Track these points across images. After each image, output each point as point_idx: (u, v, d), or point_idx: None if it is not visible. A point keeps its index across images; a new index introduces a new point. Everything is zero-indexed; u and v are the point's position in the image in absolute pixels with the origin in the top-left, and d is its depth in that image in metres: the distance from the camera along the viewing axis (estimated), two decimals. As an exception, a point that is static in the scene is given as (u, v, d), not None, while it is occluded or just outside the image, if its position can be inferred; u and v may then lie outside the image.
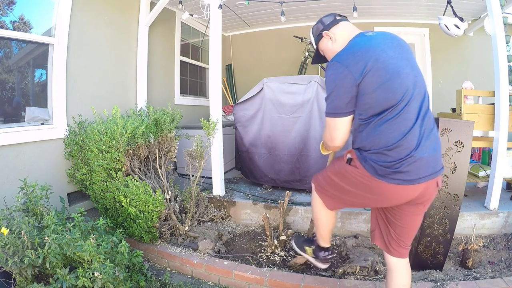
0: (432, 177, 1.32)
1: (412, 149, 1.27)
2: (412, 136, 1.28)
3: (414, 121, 1.29)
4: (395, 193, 1.33)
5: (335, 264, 2.30)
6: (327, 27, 1.51)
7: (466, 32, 4.76)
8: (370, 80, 1.26)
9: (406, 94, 1.28)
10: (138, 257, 2.10)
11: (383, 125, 1.29)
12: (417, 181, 1.29)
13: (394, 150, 1.28)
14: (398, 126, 1.28)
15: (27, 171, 2.48)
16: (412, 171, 1.27)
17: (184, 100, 4.95)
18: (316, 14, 5.06)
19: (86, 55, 3.13)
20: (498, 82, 2.54)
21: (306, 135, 3.12)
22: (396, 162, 1.27)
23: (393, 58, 1.30)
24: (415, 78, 1.32)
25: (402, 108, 1.28)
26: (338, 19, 1.51)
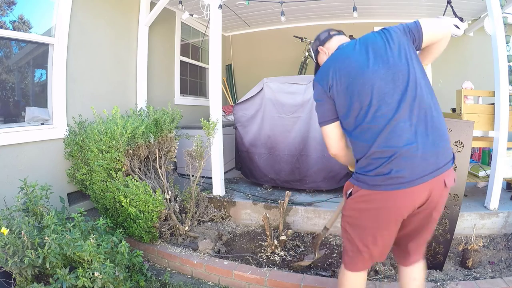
0: (434, 175, 1.19)
1: (395, 148, 1.19)
2: (391, 133, 1.20)
3: (391, 116, 1.21)
4: (398, 202, 1.23)
5: (335, 264, 2.30)
6: (322, 42, 1.59)
7: (466, 32, 4.76)
8: (335, 89, 1.35)
9: (374, 92, 1.24)
10: (138, 257, 2.10)
11: (357, 130, 1.30)
12: (415, 182, 1.18)
13: (374, 153, 1.23)
14: (370, 127, 1.24)
15: (27, 171, 2.48)
16: (406, 172, 1.18)
17: (184, 100, 4.95)
18: (316, 14, 5.06)
19: (86, 55, 3.13)
20: (498, 82, 2.54)
21: (306, 135, 3.12)
22: (381, 167, 1.20)
23: (357, 61, 1.31)
24: (387, 71, 1.25)
25: (369, 108, 1.24)
26: (331, 34, 1.58)
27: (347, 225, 1.40)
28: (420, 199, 1.23)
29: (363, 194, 1.28)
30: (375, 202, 1.26)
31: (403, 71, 1.26)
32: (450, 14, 3.58)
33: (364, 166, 1.27)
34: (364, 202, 1.29)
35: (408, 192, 1.20)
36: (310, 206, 2.84)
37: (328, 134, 1.45)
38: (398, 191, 1.20)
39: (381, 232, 1.32)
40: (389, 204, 1.24)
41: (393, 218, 1.28)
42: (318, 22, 5.46)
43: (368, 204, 1.28)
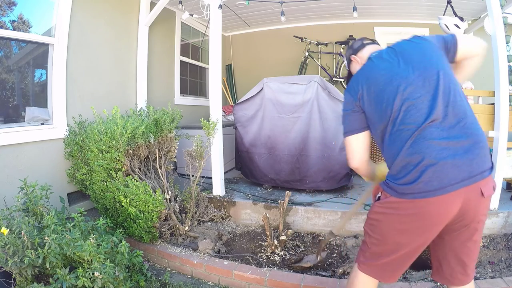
0: (467, 183, 1.11)
1: (424, 154, 1.14)
2: (421, 139, 1.16)
3: (421, 122, 1.17)
4: (426, 211, 1.15)
5: (335, 264, 2.30)
6: (355, 51, 1.59)
7: (466, 32, 4.76)
8: (365, 99, 1.35)
9: (404, 97, 1.22)
10: (138, 257, 2.10)
11: (388, 137, 1.27)
12: (444, 190, 1.10)
13: (402, 161, 1.19)
14: (400, 133, 1.21)
15: (27, 171, 2.48)
16: (434, 179, 1.11)
17: (184, 100, 4.95)
18: (316, 14, 5.06)
19: (86, 55, 3.13)
20: (498, 82, 2.54)
21: (306, 135, 3.12)
22: (409, 175, 1.15)
23: (386, 68, 1.31)
24: (418, 77, 1.23)
25: (399, 114, 1.22)
26: (365, 43, 1.58)
27: (370, 228, 1.35)
28: (451, 210, 1.14)
29: (391, 201, 1.23)
30: (403, 210, 1.20)
31: (434, 76, 1.23)
32: (450, 14, 3.59)
33: (394, 174, 1.23)
34: (391, 209, 1.24)
35: (437, 200, 1.12)
36: (310, 206, 2.84)
37: (352, 145, 1.41)
38: (427, 200, 1.13)
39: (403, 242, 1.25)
40: (418, 214, 1.17)
41: (420, 229, 1.21)
42: (318, 22, 5.46)
43: (395, 211, 1.23)
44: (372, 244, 1.34)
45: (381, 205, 1.28)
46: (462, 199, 1.12)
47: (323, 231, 2.78)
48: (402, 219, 1.21)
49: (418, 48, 1.32)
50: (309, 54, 5.42)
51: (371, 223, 1.34)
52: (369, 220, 1.36)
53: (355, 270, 1.40)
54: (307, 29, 5.52)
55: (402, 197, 1.18)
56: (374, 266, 1.34)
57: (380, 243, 1.31)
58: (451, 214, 1.15)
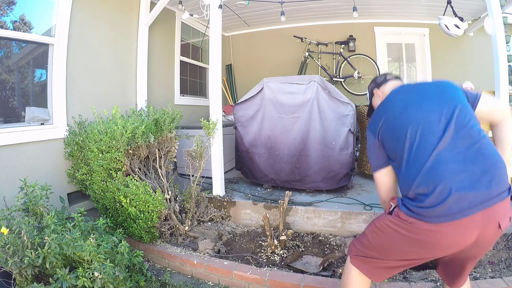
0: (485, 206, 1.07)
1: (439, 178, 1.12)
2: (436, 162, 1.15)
3: (433, 148, 1.16)
4: (442, 238, 1.12)
5: (335, 264, 2.30)
6: (378, 85, 1.64)
7: (466, 32, 4.76)
8: (383, 131, 1.37)
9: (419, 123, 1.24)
10: (138, 257, 2.10)
11: (404, 165, 1.26)
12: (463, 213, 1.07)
13: (418, 189, 1.16)
14: (416, 158, 1.20)
15: (27, 171, 2.48)
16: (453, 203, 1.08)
17: (184, 100, 4.95)
18: (316, 14, 5.06)
19: (86, 55, 3.13)
20: (498, 82, 2.54)
21: (306, 135, 3.12)
22: (425, 202, 1.13)
23: (401, 100, 1.36)
24: (433, 105, 1.26)
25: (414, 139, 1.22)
26: (387, 79, 1.62)
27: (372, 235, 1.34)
28: (467, 239, 1.11)
29: (406, 220, 1.19)
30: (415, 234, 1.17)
31: (448, 101, 1.26)
32: (450, 14, 3.59)
33: (412, 198, 1.20)
34: (403, 229, 1.20)
35: (454, 226, 1.09)
36: (310, 206, 2.84)
37: (378, 181, 1.44)
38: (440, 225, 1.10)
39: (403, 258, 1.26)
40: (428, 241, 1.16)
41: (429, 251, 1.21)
42: (318, 22, 5.46)
43: (407, 232, 1.19)
44: (369, 249, 1.35)
45: (393, 220, 1.25)
46: (479, 228, 1.09)
47: (323, 231, 2.78)
48: (410, 242, 1.19)
49: (439, 84, 1.36)
50: (309, 54, 5.42)
51: (376, 232, 1.33)
52: (375, 227, 1.34)
53: (348, 264, 1.43)
54: (307, 29, 5.52)
55: (416, 217, 1.15)
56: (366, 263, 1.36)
57: (377, 251, 1.32)
58: (465, 243, 1.13)
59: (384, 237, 1.28)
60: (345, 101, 3.04)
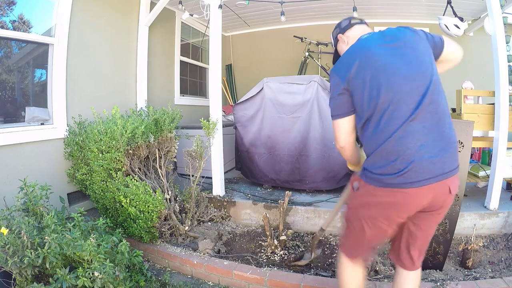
0: (439, 179, 1.21)
1: (405, 149, 1.21)
2: (404, 134, 1.21)
3: (405, 119, 1.22)
4: (402, 200, 1.26)
5: (335, 264, 2.30)
6: (342, 30, 1.57)
7: (466, 32, 4.76)
8: (354, 82, 1.32)
9: (394, 90, 1.24)
10: (138, 257, 2.10)
11: (372, 126, 1.30)
12: (420, 183, 1.20)
13: (384, 152, 1.25)
14: (386, 125, 1.25)
15: (27, 171, 2.48)
16: (412, 173, 1.20)
17: (184, 100, 4.95)
18: (316, 14, 5.06)
19: (86, 55, 3.13)
20: (498, 82, 2.54)
21: (306, 135, 3.12)
22: (389, 166, 1.23)
23: (380, 55, 1.29)
24: (410, 71, 1.26)
25: (388, 106, 1.24)
26: (352, 23, 1.56)
27: (351, 215, 1.45)
28: (423, 201, 1.26)
29: (370, 189, 1.31)
30: (381, 197, 1.29)
31: (425, 73, 1.27)
32: (450, 14, 3.58)
33: (373, 163, 1.30)
34: (370, 196, 1.32)
35: (412, 192, 1.22)
36: (310, 206, 2.84)
37: (340, 127, 1.44)
38: (403, 190, 1.23)
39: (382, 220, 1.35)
40: (393, 200, 1.27)
41: (395, 213, 1.31)
42: (318, 22, 5.46)
43: (374, 198, 1.31)
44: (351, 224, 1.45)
45: (360, 194, 1.37)
46: (432, 193, 1.24)
47: (323, 231, 2.78)
48: (380, 204, 1.31)
49: (412, 42, 1.32)
50: (309, 54, 5.42)
51: (351, 211, 1.45)
52: (350, 208, 1.47)
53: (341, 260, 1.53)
54: (307, 29, 5.52)
55: (380, 186, 1.27)
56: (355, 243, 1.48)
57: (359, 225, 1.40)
58: (421, 205, 1.27)
59: (357, 211, 1.41)
60: (345, 101, 3.03)
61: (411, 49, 1.30)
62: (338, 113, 1.42)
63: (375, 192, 1.29)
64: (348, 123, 1.42)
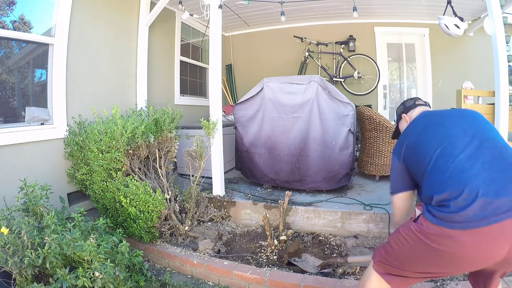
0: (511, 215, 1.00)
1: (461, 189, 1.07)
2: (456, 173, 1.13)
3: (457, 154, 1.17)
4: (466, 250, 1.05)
5: (335, 264, 2.30)
6: (406, 110, 1.68)
7: (466, 32, 4.76)
8: (406, 152, 1.41)
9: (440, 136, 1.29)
10: (138, 257, 2.10)
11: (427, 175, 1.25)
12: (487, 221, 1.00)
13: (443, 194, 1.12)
14: (436, 170, 1.20)
15: (27, 171, 2.48)
16: (476, 210, 1.02)
17: (184, 100, 4.95)
18: (316, 14, 5.06)
19: (86, 55, 3.13)
20: (498, 82, 2.54)
21: (306, 135, 3.12)
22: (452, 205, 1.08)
23: (424, 122, 1.43)
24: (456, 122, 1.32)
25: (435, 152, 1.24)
26: (416, 104, 1.66)
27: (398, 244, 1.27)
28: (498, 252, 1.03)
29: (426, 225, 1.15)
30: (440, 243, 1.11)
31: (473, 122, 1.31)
32: (450, 14, 3.59)
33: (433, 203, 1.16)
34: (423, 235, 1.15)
35: (479, 234, 1.02)
36: (310, 206, 2.84)
37: (395, 204, 1.50)
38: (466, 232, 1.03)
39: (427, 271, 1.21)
40: (455, 250, 1.08)
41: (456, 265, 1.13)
42: (318, 22, 5.46)
43: (427, 238, 1.14)
44: (391, 257, 1.29)
45: (416, 227, 1.19)
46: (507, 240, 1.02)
47: (323, 231, 2.78)
48: (431, 252, 1.13)
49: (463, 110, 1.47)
50: (309, 54, 5.42)
51: (399, 238, 1.27)
52: (398, 234, 1.28)
53: (370, 268, 1.38)
54: (307, 29, 5.52)
55: (441, 225, 1.09)
56: (387, 272, 1.31)
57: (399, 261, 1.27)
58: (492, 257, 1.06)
59: (407, 244, 1.22)
60: (345, 101, 3.04)
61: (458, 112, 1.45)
62: (394, 189, 1.48)
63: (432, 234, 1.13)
64: (403, 201, 1.47)
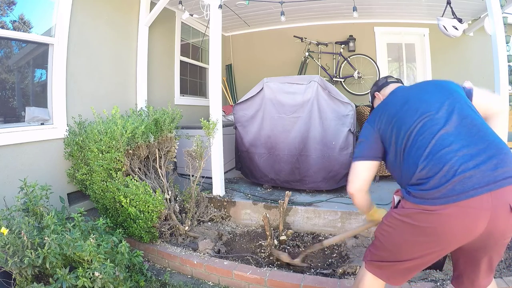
0: (491, 188, 1.02)
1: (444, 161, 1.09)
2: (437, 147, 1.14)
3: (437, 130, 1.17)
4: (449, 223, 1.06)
5: (335, 264, 2.30)
6: (379, 88, 1.69)
7: (466, 32, 4.77)
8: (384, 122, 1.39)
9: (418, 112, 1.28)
10: (138, 257, 2.10)
11: (404, 154, 1.26)
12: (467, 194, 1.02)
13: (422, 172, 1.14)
14: (416, 146, 1.21)
15: (27, 171, 2.48)
16: (457, 184, 1.05)
17: (184, 100, 4.95)
18: (316, 14, 5.06)
19: (86, 55, 3.13)
20: (498, 82, 2.54)
21: (306, 135, 3.12)
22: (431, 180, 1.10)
23: (402, 96, 1.43)
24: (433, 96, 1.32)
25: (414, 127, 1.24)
26: (388, 82, 1.67)
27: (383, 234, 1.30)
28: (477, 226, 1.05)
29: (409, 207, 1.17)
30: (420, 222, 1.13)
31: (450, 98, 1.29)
32: (449, 14, 3.59)
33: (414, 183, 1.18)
34: (407, 217, 1.17)
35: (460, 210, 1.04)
36: (310, 206, 2.85)
37: (357, 169, 1.43)
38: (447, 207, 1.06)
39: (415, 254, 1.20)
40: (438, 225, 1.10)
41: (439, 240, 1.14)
42: (318, 22, 5.46)
43: (412, 220, 1.16)
44: (382, 250, 1.30)
45: (399, 211, 1.22)
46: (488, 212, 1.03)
47: (323, 231, 2.78)
48: (418, 232, 1.15)
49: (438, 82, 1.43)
50: (309, 54, 5.42)
51: (384, 229, 1.29)
52: (383, 225, 1.30)
53: (363, 269, 1.37)
54: (307, 29, 5.52)
55: (422, 203, 1.12)
56: (381, 269, 1.31)
57: (390, 251, 1.27)
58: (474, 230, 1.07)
59: (393, 233, 1.24)
60: (345, 101, 3.04)
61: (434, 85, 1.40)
62: (359, 154, 1.44)
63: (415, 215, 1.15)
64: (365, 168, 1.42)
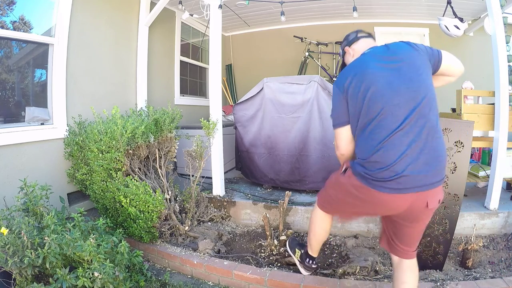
0: (419, 190, 1.31)
1: (390, 160, 1.30)
2: (390, 145, 1.31)
3: (394, 128, 1.31)
4: (380, 201, 1.38)
5: (335, 264, 2.30)
6: (349, 43, 1.67)
7: (466, 32, 4.76)
8: (351, 92, 1.44)
9: (384, 101, 1.33)
10: (138, 257, 2.10)
11: (363, 135, 1.41)
12: (400, 191, 1.31)
13: (372, 161, 1.35)
14: (374, 135, 1.35)
15: (27, 171, 2.48)
16: (393, 182, 1.31)
17: (184, 100, 4.95)
18: (316, 14, 5.06)
19: (86, 55, 3.13)
20: (498, 82, 2.54)
21: (306, 135, 3.12)
22: (375, 172, 1.34)
23: (375, 68, 1.39)
24: (402, 85, 1.34)
25: (376, 116, 1.33)
26: (359, 36, 1.65)
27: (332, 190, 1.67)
28: (402, 206, 1.37)
29: (354, 182, 1.44)
30: (362, 194, 1.42)
31: (417, 89, 1.35)
32: (450, 14, 3.58)
33: (362, 164, 1.41)
34: (353, 188, 1.45)
35: (390, 197, 1.34)
36: (310, 206, 2.84)
37: (341, 136, 1.54)
38: (381, 193, 1.35)
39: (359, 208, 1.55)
40: (372, 199, 1.41)
41: (373, 210, 1.51)
42: (318, 22, 5.46)
43: (356, 190, 1.44)
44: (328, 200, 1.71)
45: (347, 180, 1.49)
46: (410, 202, 1.34)
47: (323, 231, 2.78)
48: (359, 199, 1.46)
49: (410, 58, 1.39)
50: (309, 54, 5.42)
51: (333, 187, 1.65)
52: (332, 183, 1.66)
53: (315, 208, 1.83)
54: (307, 29, 5.52)
55: (363, 182, 1.39)
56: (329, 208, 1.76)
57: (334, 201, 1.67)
58: (400, 209, 1.39)
59: (339, 190, 1.58)
60: (345, 101, 3.03)
61: (407, 65, 1.38)
62: (338, 122, 1.52)
63: (360, 188, 1.41)
64: (348, 132, 1.50)
